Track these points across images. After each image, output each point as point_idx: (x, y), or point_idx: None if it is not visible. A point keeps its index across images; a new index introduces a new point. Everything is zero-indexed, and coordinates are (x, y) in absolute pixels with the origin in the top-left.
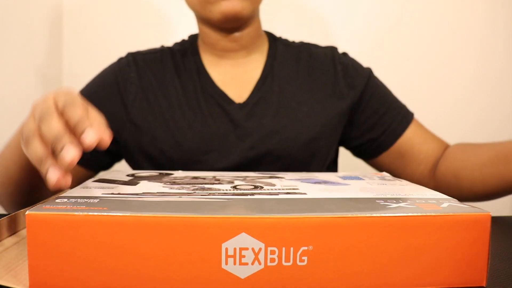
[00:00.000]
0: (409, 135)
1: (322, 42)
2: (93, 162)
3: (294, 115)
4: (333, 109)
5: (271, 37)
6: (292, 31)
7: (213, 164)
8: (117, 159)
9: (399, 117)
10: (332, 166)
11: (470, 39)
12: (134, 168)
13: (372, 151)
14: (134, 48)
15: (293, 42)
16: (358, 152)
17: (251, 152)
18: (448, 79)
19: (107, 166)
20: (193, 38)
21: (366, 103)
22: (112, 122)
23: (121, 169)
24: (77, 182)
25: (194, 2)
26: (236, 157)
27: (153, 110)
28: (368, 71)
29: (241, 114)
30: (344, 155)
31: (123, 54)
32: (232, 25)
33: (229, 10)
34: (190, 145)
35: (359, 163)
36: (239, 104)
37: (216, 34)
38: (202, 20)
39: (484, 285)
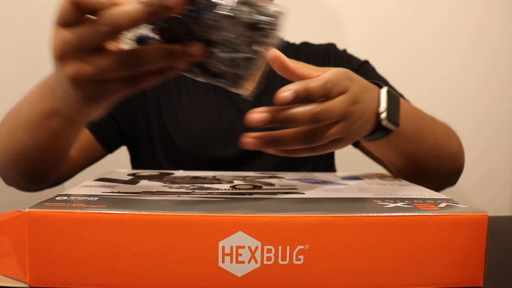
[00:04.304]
0: None
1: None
2: (107, 139)
3: None
4: None
5: None
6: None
7: (219, 151)
8: (125, 143)
9: None
10: (329, 162)
11: (471, 39)
12: (140, 161)
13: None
14: None
15: (294, 43)
16: None
17: None
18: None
19: (116, 147)
20: None
21: None
22: (130, 114)
23: (122, 168)
24: (87, 157)
25: None
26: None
27: (165, 100)
28: (360, 61)
29: (248, 104)
30: (344, 154)
31: None
32: None
33: None
34: (197, 131)
35: (358, 163)
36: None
37: None
38: None
39: (481, 285)
